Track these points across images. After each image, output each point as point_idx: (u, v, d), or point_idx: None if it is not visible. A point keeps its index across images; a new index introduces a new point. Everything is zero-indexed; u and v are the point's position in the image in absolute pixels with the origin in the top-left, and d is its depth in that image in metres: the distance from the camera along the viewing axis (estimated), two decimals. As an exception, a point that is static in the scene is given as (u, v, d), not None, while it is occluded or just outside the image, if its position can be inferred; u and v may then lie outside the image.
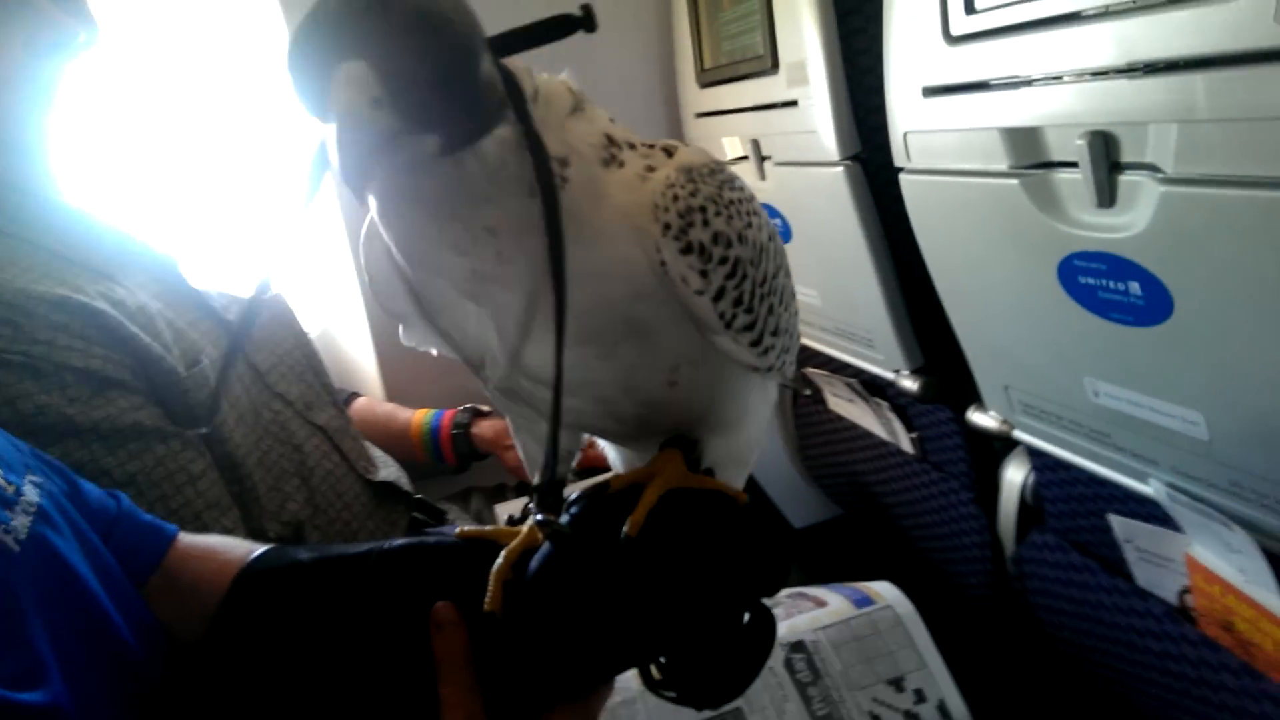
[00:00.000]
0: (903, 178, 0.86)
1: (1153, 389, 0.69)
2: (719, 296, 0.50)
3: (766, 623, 0.53)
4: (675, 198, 0.48)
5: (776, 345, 0.56)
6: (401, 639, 0.55)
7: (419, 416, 1.37)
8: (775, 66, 1.08)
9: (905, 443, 1.26)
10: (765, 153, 1.21)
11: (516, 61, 0.46)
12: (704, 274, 0.49)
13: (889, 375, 1.14)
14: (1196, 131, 0.55)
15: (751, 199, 0.53)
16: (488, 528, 0.60)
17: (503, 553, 0.55)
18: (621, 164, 0.49)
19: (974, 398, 1.01)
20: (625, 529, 0.50)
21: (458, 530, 0.61)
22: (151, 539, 0.64)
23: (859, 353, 1.20)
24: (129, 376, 0.82)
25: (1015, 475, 1.05)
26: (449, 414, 1.36)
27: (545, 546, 0.53)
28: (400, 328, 0.60)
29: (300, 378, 1.11)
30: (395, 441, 1.34)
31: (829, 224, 1.08)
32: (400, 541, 0.60)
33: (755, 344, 0.53)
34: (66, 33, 0.83)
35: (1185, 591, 0.81)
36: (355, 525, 1.06)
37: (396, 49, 0.37)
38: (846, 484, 1.49)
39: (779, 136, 1.15)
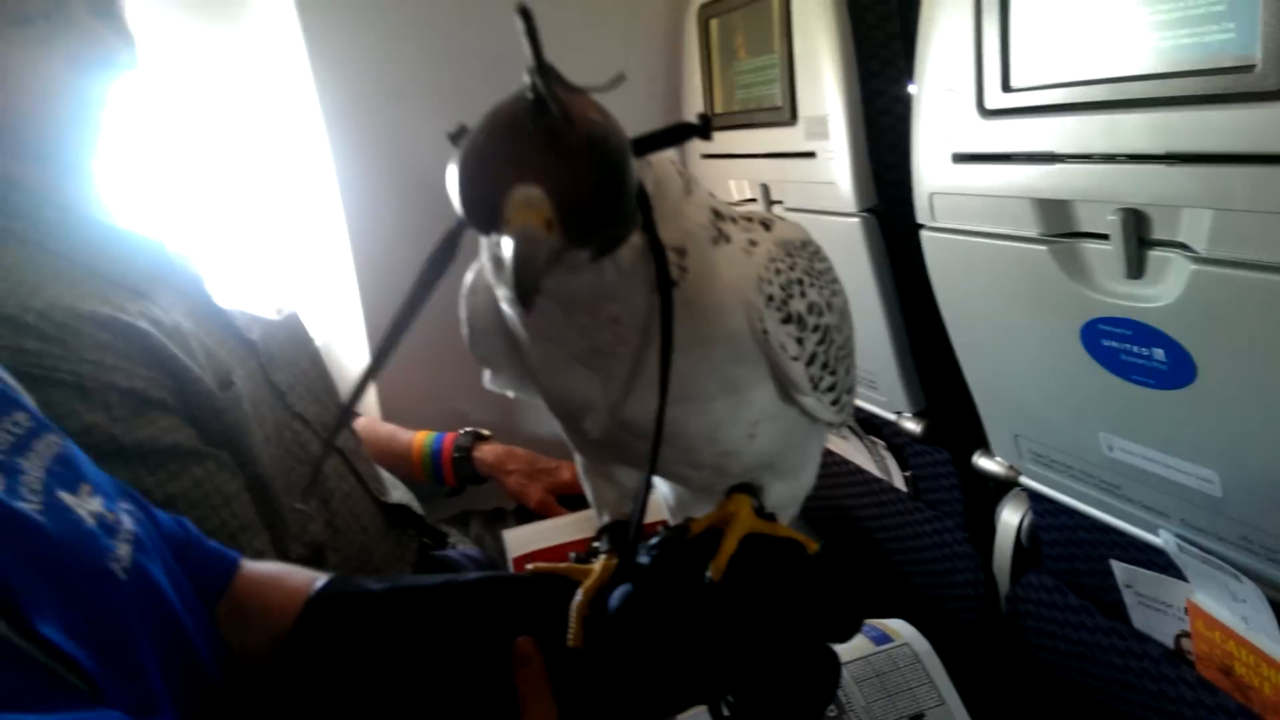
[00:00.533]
0: (924, 234, 0.90)
1: (1169, 447, 0.74)
2: (810, 361, 0.54)
3: (832, 665, 0.56)
4: (777, 271, 0.53)
5: (848, 402, 0.60)
6: (482, 670, 0.57)
7: (420, 438, 1.38)
8: (794, 119, 1.12)
9: (899, 481, 1.30)
10: (775, 197, 1.25)
11: None
12: (799, 341, 0.53)
13: (890, 416, 1.19)
14: (1231, 218, 0.60)
15: (833, 268, 0.58)
16: (560, 564, 0.63)
17: (580, 589, 0.58)
18: (728, 239, 0.53)
19: (974, 441, 1.06)
20: (709, 573, 0.53)
21: (529, 566, 0.63)
22: (218, 565, 0.65)
23: (861, 393, 1.24)
24: (168, 397, 0.83)
25: (1011, 517, 1.10)
26: (450, 437, 1.38)
27: (625, 585, 0.56)
28: (487, 373, 0.63)
29: (316, 398, 1.11)
30: (396, 462, 1.35)
31: (839, 270, 1.12)
32: (474, 575, 0.62)
33: (835, 403, 0.58)
34: (109, 49, 0.84)
35: (1183, 635, 0.86)
36: (370, 548, 1.07)
37: (568, 176, 0.40)
38: (832, 517, 1.54)
39: (792, 184, 1.19)
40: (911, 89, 0.97)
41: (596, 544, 0.64)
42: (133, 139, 0.91)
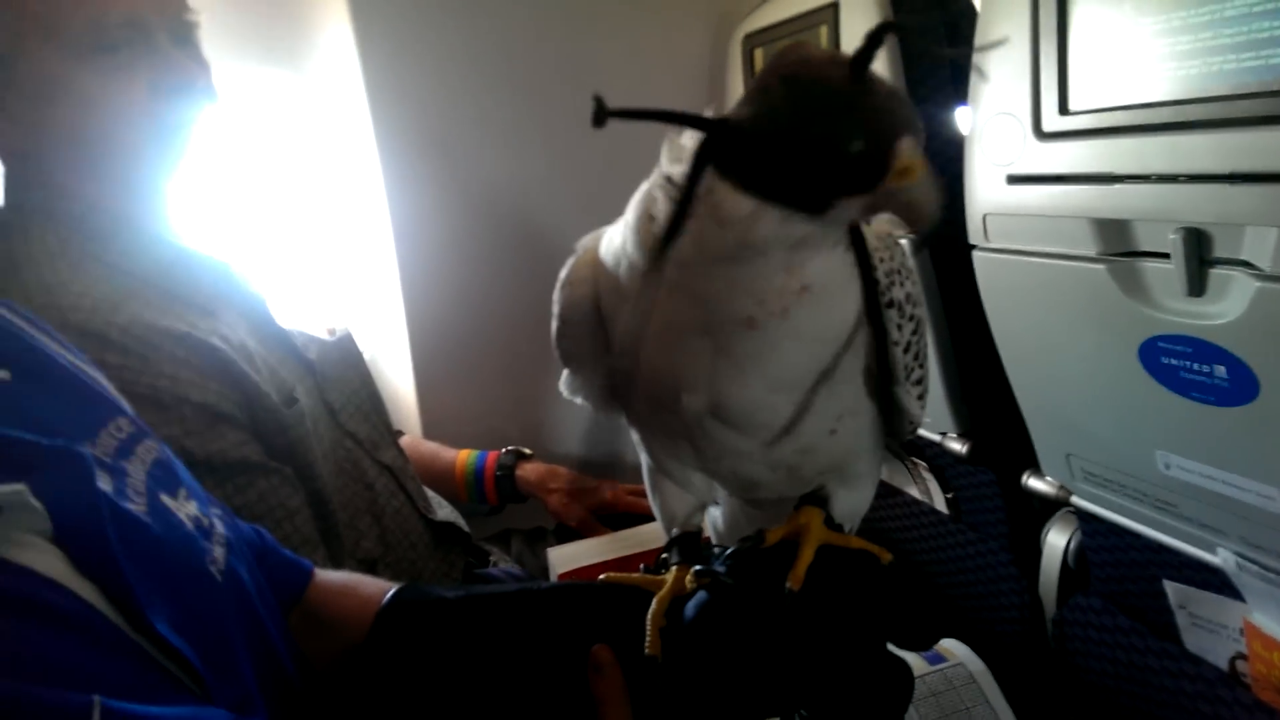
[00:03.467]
0: (977, 254, 0.91)
1: (1229, 464, 0.74)
2: (906, 349, 0.55)
3: (906, 677, 0.57)
4: (881, 259, 0.54)
5: (925, 402, 0.62)
6: (559, 678, 0.58)
7: (463, 456, 1.40)
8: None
9: (940, 503, 1.30)
10: (819, 217, 1.26)
11: None
12: (899, 327, 0.54)
13: (934, 437, 1.19)
14: (1298, 236, 0.61)
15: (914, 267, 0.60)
16: (633, 575, 0.64)
17: (655, 599, 0.59)
18: None
19: (1018, 461, 1.06)
20: (788, 583, 0.54)
21: (602, 576, 0.64)
22: (294, 574, 0.66)
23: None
24: (237, 411, 0.85)
25: (1058, 538, 1.10)
26: (493, 455, 1.39)
27: (701, 595, 0.57)
28: (565, 373, 0.65)
29: (366, 417, 1.13)
30: (438, 480, 1.37)
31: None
32: (548, 584, 0.64)
33: (921, 398, 0.59)
34: (189, 76, 0.87)
35: (1239, 657, 0.86)
36: (420, 565, 1.08)
37: (918, 126, 0.47)
38: (873, 540, 1.53)
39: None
40: (960, 112, 0.99)
41: (665, 555, 0.65)
42: (200, 164, 0.93)
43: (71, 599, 0.41)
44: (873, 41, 0.44)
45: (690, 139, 0.51)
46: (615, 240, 0.58)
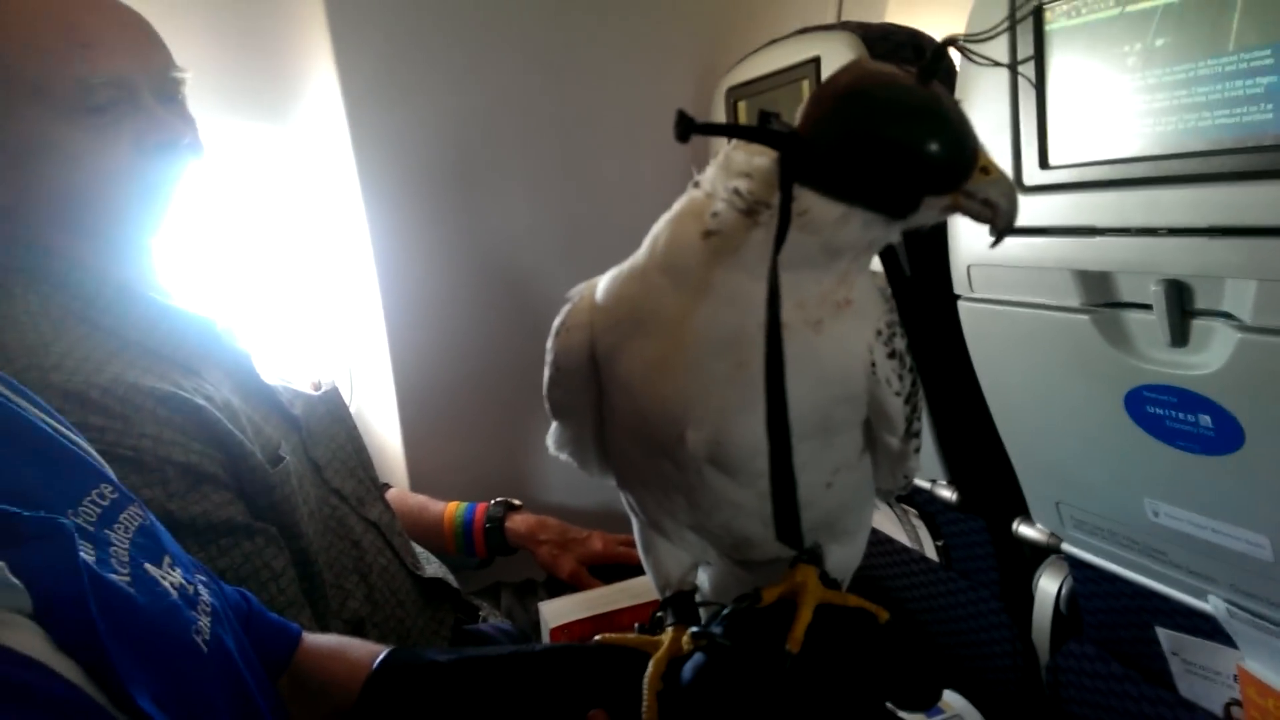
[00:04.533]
0: (962, 304, 0.92)
1: (1217, 512, 0.75)
2: (906, 401, 0.56)
3: (905, 736, 0.56)
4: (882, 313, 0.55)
5: (919, 456, 0.62)
6: (554, 744, 0.57)
7: (451, 509, 1.38)
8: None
9: (930, 550, 1.30)
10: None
11: None
12: (900, 378, 0.55)
13: (924, 484, 1.19)
14: (1277, 288, 0.62)
15: None
16: (628, 635, 0.63)
17: (652, 661, 0.58)
18: None
19: (1008, 508, 1.06)
20: (787, 645, 0.54)
21: (597, 637, 0.63)
22: (281, 638, 0.65)
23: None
24: (220, 471, 0.84)
25: (1050, 585, 1.09)
26: (481, 507, 1.38)
27: (698, 657, 0.56)
28: (554, 428, 0.65)
29: (352, 473, 1.12)
30: (426, 533, 1.35)
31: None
32: (542, 646, 0.63)
33: (917, 450, 0.59)
34: (174, 133, 0.87)
35: (1233, 704, 0.85)
36: (408, 623, 1.07)
37: None
38: (864, 588, 1.52)
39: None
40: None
41: (660, 614, 0.65)
42: (184, 220, 0.93)
43: (51, 678, 0.40)
44: (938, 54, 0.47)
45: (758, 155, 0.53)
46: (638, 267, 0.58)
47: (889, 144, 0.48)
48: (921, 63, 0.48)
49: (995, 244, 0.52)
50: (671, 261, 0.56)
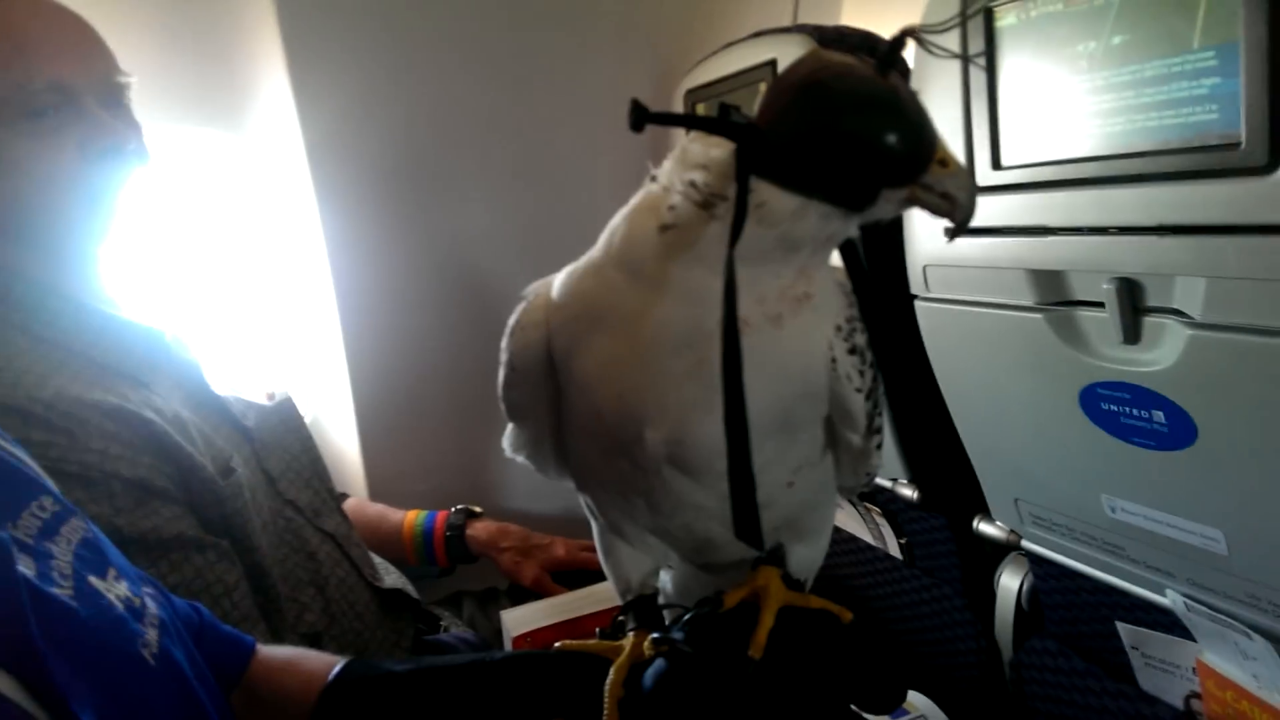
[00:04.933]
0: (919, 304, 0.93)
1: (1172, 507, 0.76)
2: (868, 397, 0.55)
3: (868, 739, 0.56)
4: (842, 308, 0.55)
5: (880, 453, 0.62)
6: (514, 756, 0.56)
7: (411, 518, 1.36)
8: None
9: (894, 548, 1.31)
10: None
11: None
12: (861, 374, 0.54)
13: (886, 483, 1.20)
14: (1224, 285, 0.62)
15: None
16: (589, 641, 0.62)
17: (612, 668, 0.57)
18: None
19: (970, 506, 1.07)
20: (750, 651, 0.53)
21: (557, 644, 0.62)
22: (235, 651, 0.64)
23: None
24: (170, 486, 0.82)
25: (1011, 581, 1.10)
26: (442, 515, 1.36)
27: (660, 663, 0.55)
28: (509, 429, 0.64)
29: (308, 484, 1.10)
30: (385, 543, 1.33)
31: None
32: (501, 654, 0.62)
33: (879, 447, 0.59)
34: (119, 138, 0.85)
35: (1193, 696, 0.87)
36: (367, 636, 1.05)
37: None
38: (828, 587, 1.53)
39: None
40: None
41: (621, 618, 0.64)
42: (132, 228, 0.91)
43: None
44: (896, 45, 0.47)
45: (715, 147, 0.52)
46: (594, 263, 0.57)
47: (847, 135, 0.48)
48: (879, 53, 0.48)
49: (952, 238, 0.52)
50: (628, 257, 0.55)
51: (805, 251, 0.53)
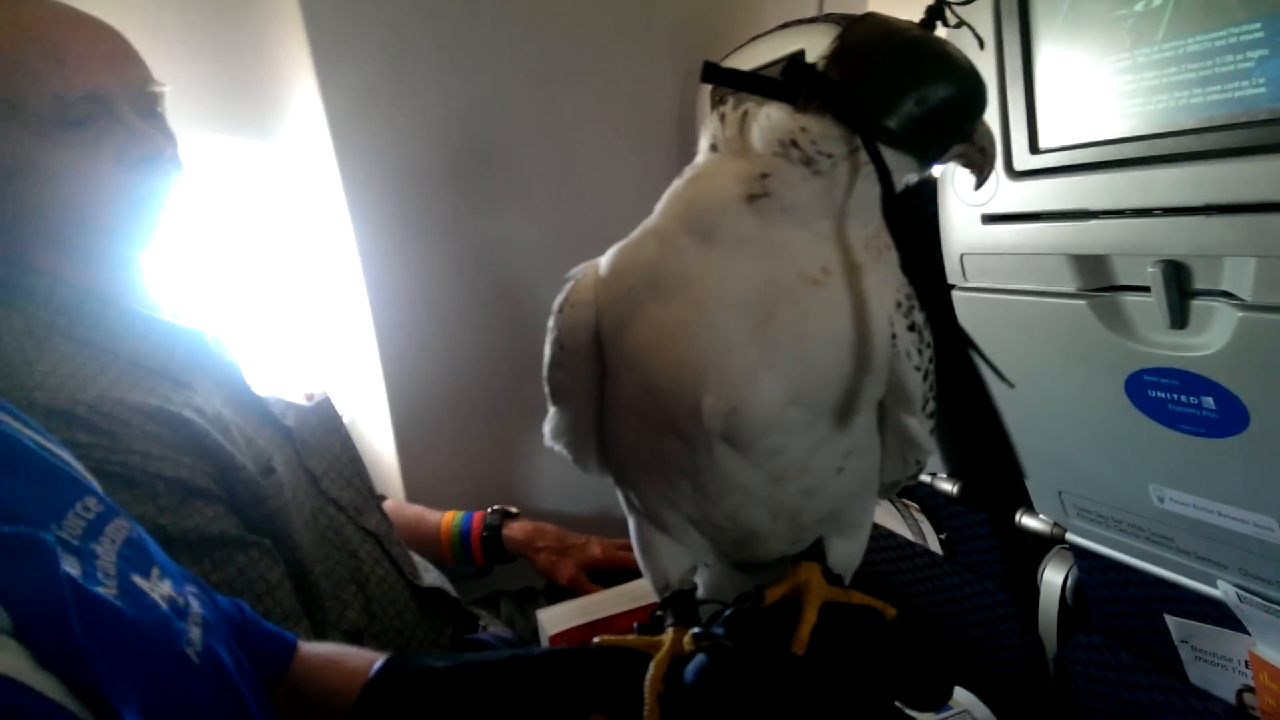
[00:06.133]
0: (956, 294, 0.91)
1: (1224, 496, 0.74)
2: (925, 376, 0.55)
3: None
4: (902, 281, 0.54)
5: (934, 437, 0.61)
6: (555, 750, 0.56)
7: (448, 518, 1.37)
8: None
9: (934, 544, 1.29)
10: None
11: None
12: (920, 352, 0.54)
13: (925, 478, 1.18)
14: (1277, 264, 0.61)
15: None
16: (628, 637, 0.62)
17: (653, 663, 0.57)
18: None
19: (1011, 500, 1.05)
20: (793, 647, 0.52)
21: (596, 639, 0.62)
22: (277, 648, 0.64)
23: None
24: (212, 485, 0.83)
25: (1055, 575, 1.08)
26: (478, 515, 1.37)
27: (701, 658, 0.55)
28: (551, 414, 0.63)
29: (349, 482, 1.11)
30: (424, 544, 1.34)
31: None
32: (540, 650, 0.61)
33: (932, 432, 0.58)
34: (155, 147, 0.86)
35: (1245, 690, 0.84)
36: (407, 633, 1.05)
37: None
38: (868, 585, 1.51)
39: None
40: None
41: (659, 614, 0.63)
42: (171, 234, 0.92)
43: (32, 697, 0.39)
44: (934, 12, 0.53)
45: (800, 112, 0.54)
46: (655, 229, 0.58)
47: (946, 92, 0.52)
48: (922, 20, 0.52)
49: (979, 187, 0.59)
50: (698, 219, 0.55)
51: (873, 210, 0.55)
